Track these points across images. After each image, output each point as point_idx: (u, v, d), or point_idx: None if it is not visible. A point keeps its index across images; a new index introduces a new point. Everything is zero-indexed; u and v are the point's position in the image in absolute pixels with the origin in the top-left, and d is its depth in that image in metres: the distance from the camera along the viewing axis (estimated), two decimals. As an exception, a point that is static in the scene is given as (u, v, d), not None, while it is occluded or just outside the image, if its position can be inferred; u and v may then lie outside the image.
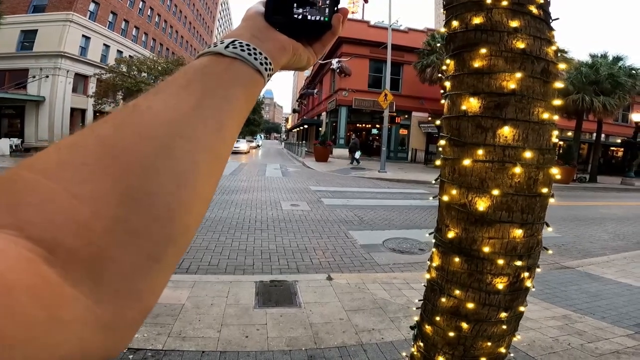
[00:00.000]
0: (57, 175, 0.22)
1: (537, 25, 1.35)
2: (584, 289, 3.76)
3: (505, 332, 1.44)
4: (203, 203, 0.28)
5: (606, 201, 12.06)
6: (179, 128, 0.28)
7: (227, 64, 0.35)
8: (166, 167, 0.26)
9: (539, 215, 1.45)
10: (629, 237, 6.70)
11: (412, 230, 6.06)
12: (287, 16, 0.42)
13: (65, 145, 0.25)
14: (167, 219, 0.24)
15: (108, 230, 0.22)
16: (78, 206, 0.21)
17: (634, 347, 2.60)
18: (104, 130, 0.26)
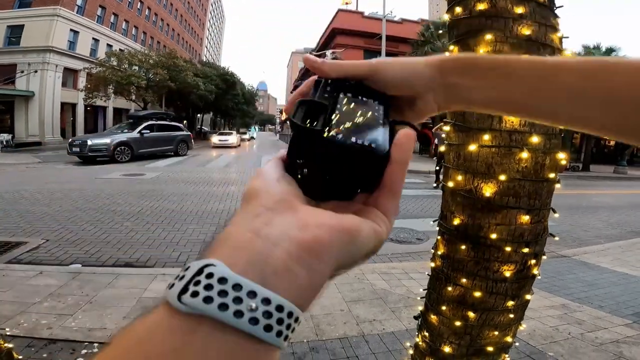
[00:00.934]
0: None
1: (542, 12, 1.33)
2: (581, 277, 3.79)
3: (511, 321, 1.44)
4: None
5: (599, 190, 12.18)
6: None
7: (184, 334, 0.18)
8: None
9: (545, 201, 1.44)
10: (623, 225, 6.78)
11: (410, 220, 6.08)
12: (324, 144, 0.25)
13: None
14: None
15: None
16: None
17: (633, 336, 2.62)
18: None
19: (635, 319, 2.88)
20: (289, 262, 0.20)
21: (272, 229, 0.21)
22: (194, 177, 10.13)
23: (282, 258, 0.20)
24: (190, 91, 25.86)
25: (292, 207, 0.23)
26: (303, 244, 0.21)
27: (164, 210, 6.10)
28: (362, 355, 2.23)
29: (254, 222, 0.22)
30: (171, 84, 22.87)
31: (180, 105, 30.65)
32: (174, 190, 7.86)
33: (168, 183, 8.84)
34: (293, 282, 0.20)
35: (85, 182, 8.56)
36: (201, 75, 29.04)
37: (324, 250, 0.21)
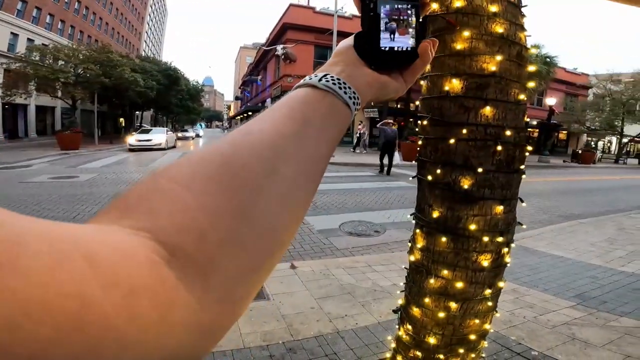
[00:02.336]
0: (189, 186, 0.25)
1: (512, 10, 1.39)
2: (524, 262, 4.06)
3: (490, 309, 1.50)
4: (298, 222, 0.31)
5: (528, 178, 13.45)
6: (284, 153, 0.30)
7: (322, 97, 0.36)
8: (272, 187, 0.28)
9: (515, 192, 1.52)
10: (552, 210, 7.54)
11: (366, 213, 6.22)
12: (374, 48, 0.42)
13: (196, 159, 0.27)
14: (270, 235, 0.27)
15: (221, 240, 0.23)
16: (201, 216, 0.23)
17: (580, 318, 2.79)
18: (225, 149, 0.28)
19: (578, 300, 3.13)
20: (358, 86, 0.39)
21: (350, 71, 0.40)
22: (137, 178, 9.42)
23: (356, 82, 0.39)
24: (128, 87, 23.94)
25: (359, 66, 0.41)
26: (364, 82, 0.40)
27: (105, 215, 5.57)
28: (340, 352, 2.22)
29: (340, 66, 0.41)
30: (105, 80, 20.97)
31: (116, 102, 28.29)
32: (114, 193, 7.23)
33: (107, 185, 8.11)
34: (362, 94, 0.40)
35: (8, 187, 7.55)
36: (140, 71, 27.13)
37: (371, 87, 0.41)
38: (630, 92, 27.51)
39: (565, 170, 18.84)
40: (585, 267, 3.98)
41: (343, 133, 0.38)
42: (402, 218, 5.92)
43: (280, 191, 0.28)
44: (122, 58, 24.47)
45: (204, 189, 0.25)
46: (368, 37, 0.41)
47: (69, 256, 0.17)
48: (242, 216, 0.25)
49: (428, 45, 0.43)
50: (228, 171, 0.26)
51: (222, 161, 0.27)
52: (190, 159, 0.27)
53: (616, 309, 2.93)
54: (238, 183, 0.26)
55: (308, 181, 0.32)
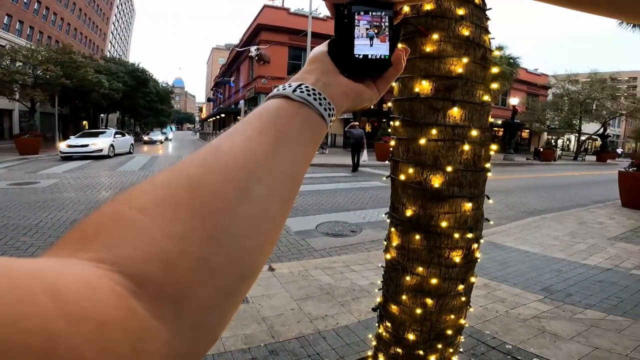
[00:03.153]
0: (153, 214, 0.24)
1: (478, 13, 1.45)
2: (493, 257, 4.22)
3: (464, 304, 1.56)
4: (271, 244, 0.30)
5: (495, 175, 14.05)
6: (256, 172, 0.29)
7: (296, 109, 0.35)
8: (244, 210, 0.27)
9: (482, 189, 1.58)
10: (517, 206, 7.90)
11: (342, 213, 6.27)
12: (348, 56, 0.41)
13: (160, 183, 0.26)
14: (242, 260, 0.26)
15: (192, 268, 0.23)
16: (169, 244, 0.23)
17: (548, 311, 2.89)
18: (193, 170, 0.27)
19: (545, 294, 3.24)
20: (334, 95, 0.38)
21: (326, 80, 0.39)
22: (103, 182, 9.02)
23: (331, 92, 0.38)
24: (92, 89, 22.88)
25: (335, 73, 0.40)
26: (340, 92, 0.39)
27: (68, 221, 5.31)
28: (322, 352, 2.23)
29: (316, 74, 0.39)
30: (66, 82, 19.95)
31: (79, 105, 26.98)
32: (78, 199, 6.90)
33: (70, 191, 7.71)
34: (337, 105, 0.39)
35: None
36: (105, 72, 26.03)
37: (347, 97, 0.40)
38: (587, 92, 29.22)
39: (528, 167, 19.79)
40: (550, 261, 4.17)
41: (318, 146, 0.37)
42: (377, 217, 6.02)
43: (252, 213, 0.27)
44: (85, 59, 23.40)
45: (170, 216, 0.24)
46: (342, 44, 0.41)
47: (30, 291, 0.17)
48: (213, 241, 0.24)
49: (401, 53, 0.43)
50: (197, 196, 0.25)
51: (190, 185, 0.26)
52: (154, 184, 0.26)
53: (581, 302, 3.07)
54: (207, 208, 0.25)
55: (282, 200, 0.31)
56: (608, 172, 16.56)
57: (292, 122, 0.34)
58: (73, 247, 0.22)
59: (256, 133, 0.31)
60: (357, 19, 0.41)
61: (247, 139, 0.31)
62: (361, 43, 0.41)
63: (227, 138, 0.31)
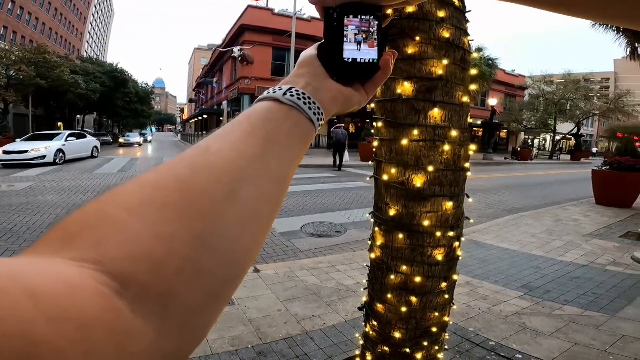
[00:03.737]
0: (140, 213, 0.23)
1: (458, 16, 1.48)
2: (475, 255, 4.29)
3: (447, 302, 1.59)
4: (259, 246, 0.30)
5: (474, 175, 14.35)
6: (245, 175, 0.29)
7: (286, 112, 0.35)
8: (233, 212, 0.27)
9: (462, 188, 1.62)
10: (497, 205, 8.10)
11: (327, 214, 6.28)
12: (337, 60, 0.42)
13: (147, 183, 0.26)
14: (229, 261, 0.26)
15: (179, 269, 0.23)
16: (156, 244, 0.22)
17: (529, 307, 2.96)
18: (182, 171, 0.27)
19: (525, 290, 3.30)
20: (324, 100, 0.39)
21: (317, 84, 0.40)
22: (80, 185, 8.75)
23: (321, 97, 0.39)
24: (67, 90, 22.16)
25: (325, 78, 0.41)
26: (329, 96, 0.40)
27: (45, 225, 5.13)
28: (311, 352, 2.23)
29: (307, 78, 0.40)
30: (41, 82, 19.28)
31: (54, 106, 26.08)
32: (55, 202, 6.67)
33: (46, 194, 7.45)
34: (326, 109, 0.39)
35: None
36: (82, 73, 25.27)
37: (336, 101, 0.41)
38: (562, 92, 30.31)
39: (506, 167, 20.33)
40: (528, 258, 4.28)
41: (306, 151, 0.37)
42: (361, 218, 6.06)
43: (240, 215, 0.27)
44: (60, 59, 22.66)
45: (158, 216, 0.23)
46: (331, 48, 0.42)
47: (7, 293, 0.16)
48: (201, 243, 0.24)
49: (389, 58, 0.43)
50: (185, 197, 0.25)
51: (179, 186, 0.25)
52: (142, 184, 0.26)
53: (559, 298, 3.17)
54: (196, 209, 0.25)
55: (270, 203, 0.31)
56: (582, 171, 17.19)
57: (282, 126, 0.34)
58: (55, 246, 0.21)
59: (245, 135, 0.31)
60: (346, 23, 0.41)
61: (236, 140, 0.30)
62: (350, 47, 0.41)
63: (215, 139, 0.30)
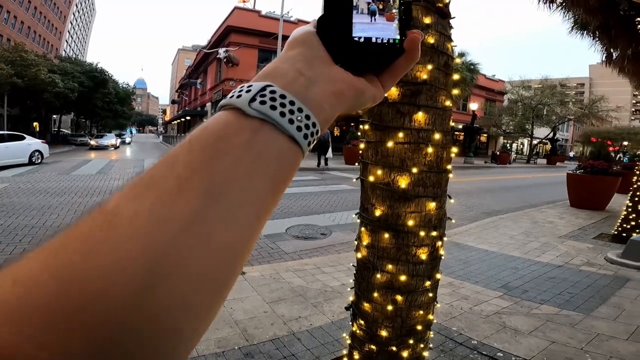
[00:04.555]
0: (10, 322, 0.16)
1: (442, 22, 1.54)
2: (456, 256, 4.39)
3: (431, 300, 1.64)
4: (194, 344, 0.22)
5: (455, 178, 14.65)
6: (168, 257, 0.19)
7: (251, 133, 0.24)
8: (148, 314, 0.18)
9: (444, 189, 1.68)
10: (477, 207, 8.30)
11: (311, 216, 6.30)
12: (344, 38, 0.30)
13: (22, 278, 0.18)
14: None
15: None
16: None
17: (508, 307, 3.05)
18: (68, 258, 0.18)
19: (504, 290, 3.40)
20: (321, 99, 0.28)
21: (312, 73, 0.28)
22: (56, 186, 8.47)
23: (317, 94, 0.28)
24: (44, 89, 21.47)
25: (326, 62, 0.29)
26: (332, 90, 0.28)
27: (20, 227, 4.96)
28: (298, 353, 2.24)
29: (298, 64, 0.28)
30: (17, 81, 18.65)
31: (30, 105, 25.21)
32: (30, 204, 6.45)
33: (21, 196, 7.19)
34: (320, 112, 0.27)
35: None
36: (59, 72, 24.54)
37: (342, 98, 0.29)
38: (539, 97, 31.33)
39: (486, 170, 20.86)
40: (507, 259, 4.42)
41: (287, 184, 0.26)
42: (346, 220, 6.11)
43: (161, 319, 0.19)
44: (37, 58, 21.97)
45: (28, 331, 0.16)
46: (336, 22, 0.30)
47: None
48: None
49: (418, 37, 0.32)
50: (68, 302, 0.17)
51: (59, 285, 0.17)
52: (15, 279, 0.17)
53: (536, 297, 3.28)
54: (88, 319, 0.17)
55: (213, 287, 0.21)
56: (557, 174, 17.81)
57: (240, 162, 0.23)
58: None
59: (176, 187, 0.21)
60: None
61: (162, 197, 0.20)
62: (361, 21, 0.30)
63: (132, 195, 0.21)
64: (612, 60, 8.46)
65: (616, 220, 5.87)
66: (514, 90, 33.17)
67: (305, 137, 0.26)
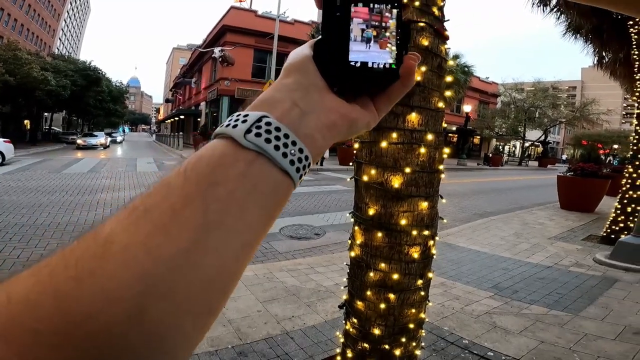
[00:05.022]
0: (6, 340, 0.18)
1: (436, 24, 1.56)
2: (448, 257, 4.44)
3: (423, 298, 1.66)
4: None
5: (448, 180, 14.80)
6: (160, 285, 0.20)
7: (246, 165, 0.25)
8: (138, 339, 0.19)
9: (436, 189, 1.70)
10: (469, 209, 8.37)
11: (305, 217, 6.31)
12: (341, 63, 0.30)
13: (17, 297, 0.19)
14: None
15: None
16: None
17: (498, 307, 3.10)
18: (64, 284, 0.19)
19: (495, 291, 3.45)
20: (313, 130, 0.28)
21: (306, 103, 0.29)
22: (47, 185, 8.37)
23: (310, 126, 0.28)
24: (36, 87, 21.22)
25: (321, 91, 0.30)
26: (325, 122, 0.29)
27: (10, 225, 4.91)
28: (291, 352, 2.25)
29: (293, 94, 0.29)
30: (9, 79, 18.43)
31: (22, 103, 24.88)
32: (21, 202, 6.37)
33: (10, 194, 7.10)
34: (313, 144, 0.28)
35: None
36: (52, 70, 24.28)
37: (335, 129, 0.30)
38: (531, 100, 31.66)
39: (479, 172, 21.05)
40: (498, 260, 4.47)
41: (276, 216, 0.27)
42: (340, 220, 6.13)
43: (151, 344, 0.20)
44: (30, 56, 21.75)
45: (27, 353, 0.17)
46: (332, 47, 0.31)
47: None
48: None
49: (414, 63, 0.32)
50: (66, 323, 0.18)
51: (56, 308, 0.18)
52: (9, 297, 0.19)
53: (526, 298, 3.32)
54: (84, 338, 0.18)
55: (198, 316, 0.22)
56: (548, 177, 18.04)
57: (234, 193, 0.24)
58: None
59: (170, 217, 0.22)
60: (354, 13, 0.31)
61: (155, 229, 0.21)
62: (358, 47, 0.31)
63: (125, 224, 0.22)
64: (604, 63, 8.58)
65: (605, 222, 5.96)
66: (507, 92, 33.48)
67: (298, 171, 0.27)
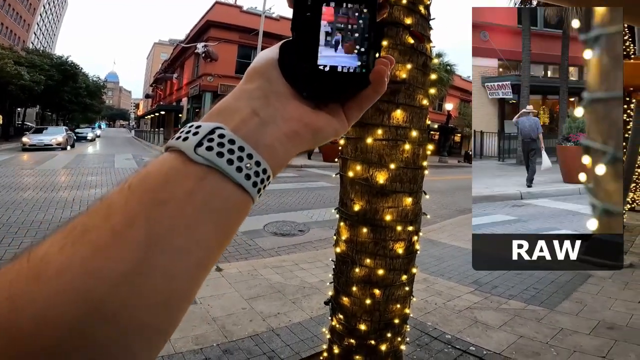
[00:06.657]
0: None
1: (423, 23, 1.59)
2: (431, 253, 4.50)
3: (407, 294, 1.69)
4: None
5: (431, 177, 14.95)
6: (99, 309, 0.19)
7: (196, 181, 0.23)
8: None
9: (420, 185, 1.73)
10: (450, 205, 8.53)
11: (289, 213, 6.31)
12: (309, 68, 0.29)
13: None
14: None
15: None
16: None
17: (479, 302, 3.17)
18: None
19: (476, 286, 3.53)
20: (274, 141, 0.27)
21: (266, 112, 0.27)
22: (20, 182, 8.04)
23: (270, 136, 0.26)
24: (9, 81, 20.35)
25: (282, 99, 0.28)
26: (286, 132, 0.27)
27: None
28: (277, 349, 2.25)
29: (253, 102, 0.27)
30: (-19, 73, 17.66)
31: (-7, 98, 23.82)
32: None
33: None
34: (273, 155, 0.26)
35: None
36: (27, 65, 23.35)
37: (297, 139, 0.28)
38: (508, 98, 32.37)
39: (460, 169, 21.45)
40: (478, 255, 4.59)
41: (234, 232, 0.26)
42: (324, 217, 6.14)
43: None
44: (4, 50, 20.84)
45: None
46: (301, 50, 0.29)
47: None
48: None
49: (385, 68, 0.30)
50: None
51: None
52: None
53: (505, 293, 3.42)
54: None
55: (152, 335, 0.21)
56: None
57: (183, 210, 0.22)
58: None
59: (110, 238, 0.20)
60: (325, 14, 0.29)
61: (92, 252, 0.20)
62: (328, 51, 0.29)
63: (65, 243, 0.20)
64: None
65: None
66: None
67: (255, 185, 0.25)
